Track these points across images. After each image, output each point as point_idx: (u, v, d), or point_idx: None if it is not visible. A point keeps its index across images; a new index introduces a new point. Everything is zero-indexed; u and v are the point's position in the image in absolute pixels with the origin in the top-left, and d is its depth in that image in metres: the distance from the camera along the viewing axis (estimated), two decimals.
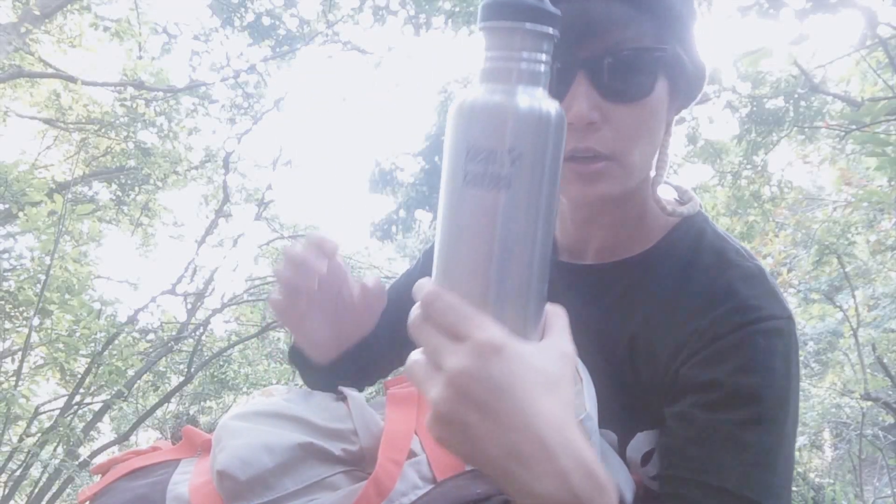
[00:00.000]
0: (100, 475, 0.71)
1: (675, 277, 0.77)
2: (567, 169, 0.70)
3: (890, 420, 6.05)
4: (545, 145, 0.46)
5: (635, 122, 0.69)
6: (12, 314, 4.55)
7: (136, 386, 5.42)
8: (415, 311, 0.48)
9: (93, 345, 4.38)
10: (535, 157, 0.46)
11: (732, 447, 0.69)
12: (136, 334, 5.95)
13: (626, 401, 0.78)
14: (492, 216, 0.45)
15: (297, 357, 0.84)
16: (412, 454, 0.64)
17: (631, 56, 0.67)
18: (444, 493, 0.60)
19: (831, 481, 6.00)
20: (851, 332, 5.26)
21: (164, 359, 6.00)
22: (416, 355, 0.49)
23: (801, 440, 7.61)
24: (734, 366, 0.71)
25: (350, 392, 0.71)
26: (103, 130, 8.37)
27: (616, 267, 0.80)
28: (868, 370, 5.12)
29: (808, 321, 7.98)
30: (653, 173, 0.78)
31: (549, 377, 0.47)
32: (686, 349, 0.74)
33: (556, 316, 0.53)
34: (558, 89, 0.68)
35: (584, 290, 0.80)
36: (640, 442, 0.79)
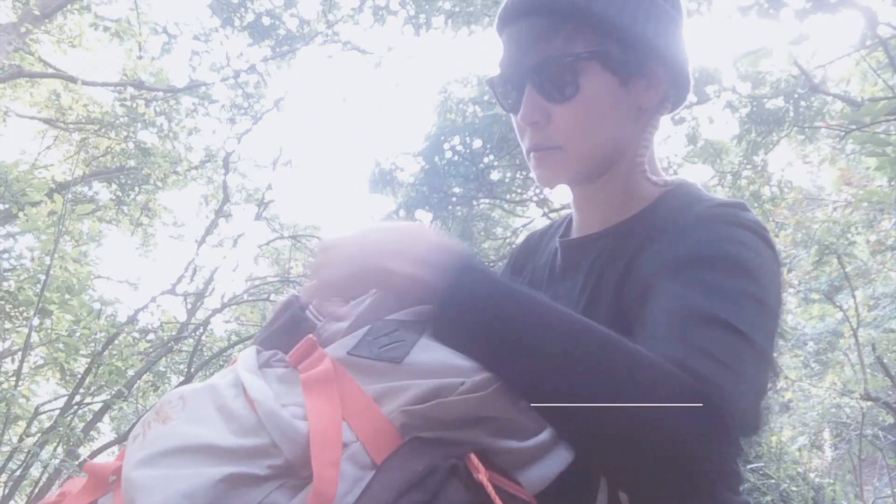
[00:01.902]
0: None
1: (658, 227, 0.80)
2: (530, 158, 0.85)
3: (890, 420, 6.06)
4: None
5: (574, 117, 0.80)
6: (12, 314, 4.56)
7: (136, 386, 5.42)
8: None
9: (93, 345, 4.38)
10: None
11: (699, 287, 0.67)
12: (136, 334, 5.96)
13: None
14: None
15: None
16: (345, 445, 0.59)
17: (554, 64, 0.79)
18: (389, 482, 0.56)
19: (831, 481, 5.99)
20: (851, 332, 5.26)
21: (164, 359, 6.00)
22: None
23: (801, 440, 7.61)
24: (695, 240, 0.73)
25: (255, 395, 0.63)
26: (103, 130, 8.38)
27: (607, 233, 0.88)
28: (868, 370, 5.12)
29: (808, 321, 7.98)
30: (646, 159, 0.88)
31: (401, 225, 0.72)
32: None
33: None
34: (516, 97, 0.83)
35: (585, 257, 0.89)
36: None
